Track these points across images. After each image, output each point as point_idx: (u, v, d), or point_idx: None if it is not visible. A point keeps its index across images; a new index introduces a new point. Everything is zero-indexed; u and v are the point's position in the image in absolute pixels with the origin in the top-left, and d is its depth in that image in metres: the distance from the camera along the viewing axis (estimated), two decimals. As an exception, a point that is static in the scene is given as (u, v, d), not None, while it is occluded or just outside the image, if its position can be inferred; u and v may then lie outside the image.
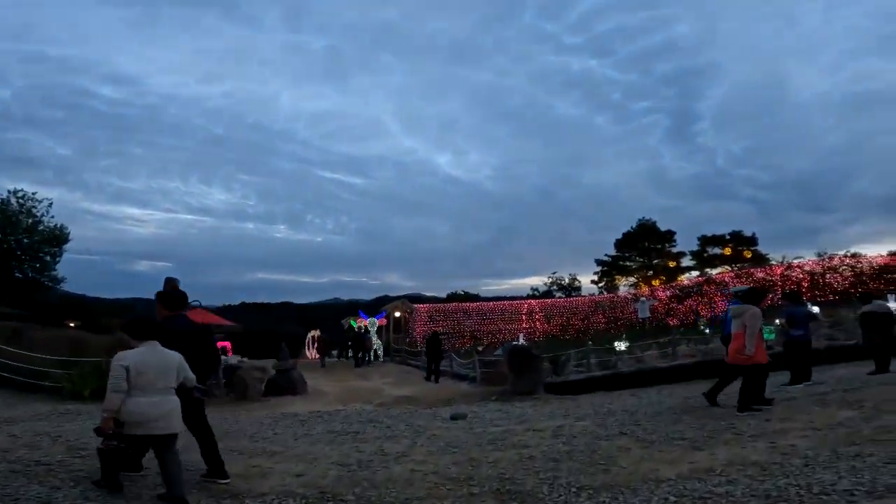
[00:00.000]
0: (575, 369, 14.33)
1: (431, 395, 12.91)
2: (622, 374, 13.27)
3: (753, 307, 6.34)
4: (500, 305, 27.81)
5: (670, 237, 42.20)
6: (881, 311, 8.88)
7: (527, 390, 11.36)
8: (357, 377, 18.03)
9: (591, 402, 9.42)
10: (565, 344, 21.97)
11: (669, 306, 27.17)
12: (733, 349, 6.35)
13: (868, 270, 24.03)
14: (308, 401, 12.25)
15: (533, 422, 7.52)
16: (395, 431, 7.04)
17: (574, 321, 27.07)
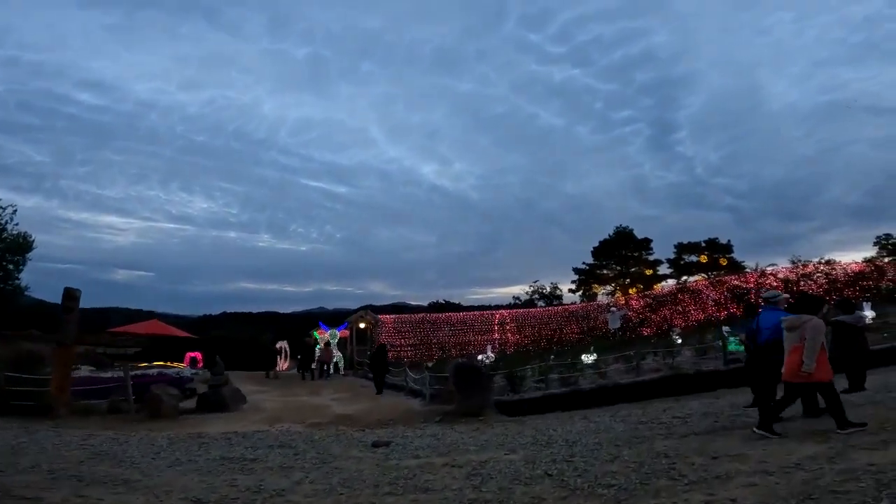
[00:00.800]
0: (534, 385, 13.34)
1: (374, 413, 11.83)
2: (582, 392, 12.32)
3: (815, 318, 5.33)
4: (471, 316, 26.82)
5: (647, 245, 41.80)
6: (857, 325, 8.02)
7: (474, 411, 10.33)
8: (309, 392, 16.92)
9: (536, 427, 8.45)
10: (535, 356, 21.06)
11: (643, 316, 26.43)
12: (791, 366, 5.30)
13: (843, 277, 23.60)
14: (234, 419, 11.29)
15: (459, 453, 6.61)
16: (298, 460, 6.36)
17: (546, 332, 26.18)
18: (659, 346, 18.77)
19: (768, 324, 6.09)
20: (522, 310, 28.16)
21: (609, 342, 22.70)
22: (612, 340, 22.47)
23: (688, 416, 7.62)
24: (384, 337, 23.92)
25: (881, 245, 37.43)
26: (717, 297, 25.52)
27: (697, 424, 6.88)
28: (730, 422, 6.74)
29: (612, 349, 18.83)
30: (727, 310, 24.92)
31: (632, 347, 17.43)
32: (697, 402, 9.27)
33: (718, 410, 7.83)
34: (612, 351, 17.85)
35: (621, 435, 6.77)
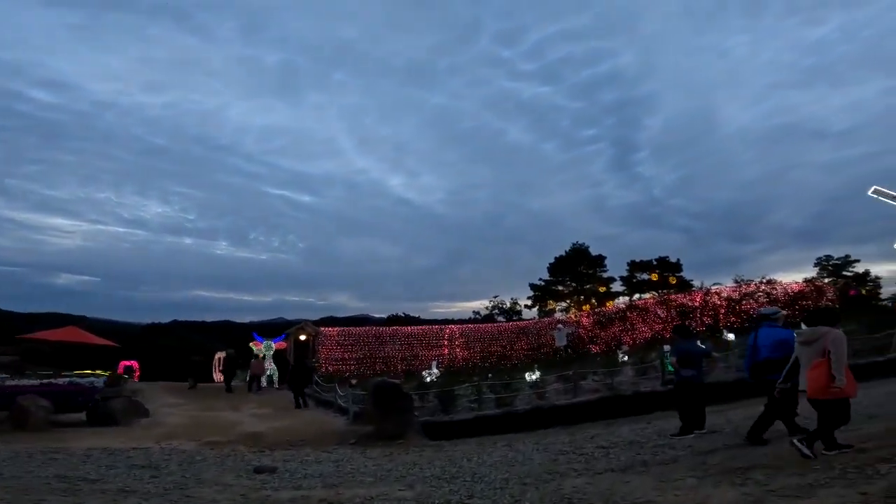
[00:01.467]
0: (469, 406, 12.52)
1: (289, 432, 10.81)
2: (516, 414, 11.58)
3: (835, 330, 4.91)
4: (420, 330, 25.85)
5: (601, 262, 42.12)
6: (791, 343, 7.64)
7: (393, 434, 9.41)
8: (229, 407, 15.59)
9: (452, 456, 7.61)
10: (481, 373, 20.31)
11: (593, 333, 26.18)
12: (816, 382, 4.76)
13: (783, 297, 24.06)
14: (121, 434, 10.28)
15: (350, 485, 5.83)
16: (148, 485, 5.65)
17: (495, 348, 25.51)
18: (604, 364, 18.40)
19: (767, 341, 5.82)
20: (472, 325, 27.41)
21: (556, 360, 22.23)
22: (560, 358, 21.99)
23: (612, 446, 6.97)
24: (325, 350, 22.60)
25: (821, 266, 39.05)
26: (664, 316, 25.59)
27: (619, 457, 6.22)
28: (652, 454, 6.11)
29: (557, 367, 18.29)
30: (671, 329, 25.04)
31: (578, 366, 16.96)
32: (628, 428, 8.67)
33: (645, 439, 7.23)
34: (558, 369, 17.29)
35: (535, 469, 6.02)
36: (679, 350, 7.57)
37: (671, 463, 5.38)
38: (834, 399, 4.68)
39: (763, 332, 6.01)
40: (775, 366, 5.58)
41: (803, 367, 4.99)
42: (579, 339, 26.20)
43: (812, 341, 4.93)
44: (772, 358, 5.69)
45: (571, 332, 22.96)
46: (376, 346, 24.16)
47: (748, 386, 12.18)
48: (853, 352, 14.36)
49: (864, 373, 12.87)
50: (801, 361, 5.03)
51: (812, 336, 4.95)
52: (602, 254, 42.33)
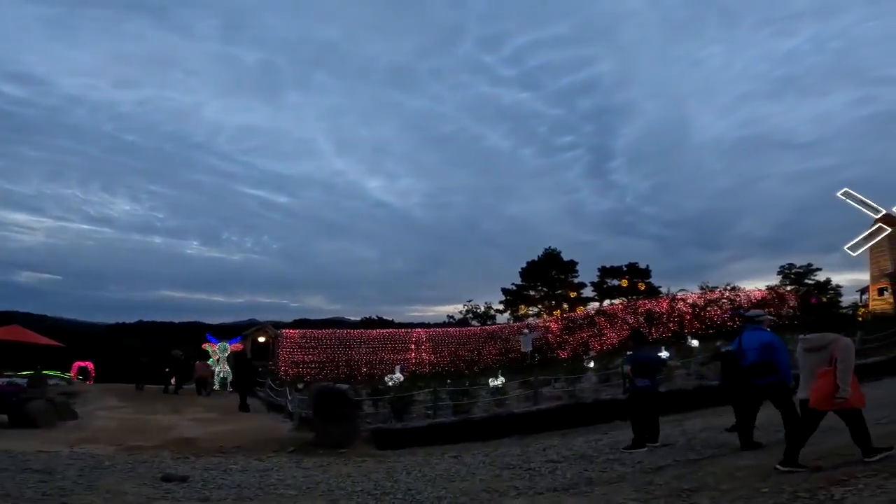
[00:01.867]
0: (426, 412, 11.98)
1: (227, 437, 10.13)
2: (473, 422, 11.10)
3: (842, 336, 4.56)
4: (386, 334, 25.22)
5: (573, 267, 42.17)
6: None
7: (336, 442, 8.81)
8: (171, 410, 14.77)
9: (392, 467, 7.09)
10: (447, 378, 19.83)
11: (561, 338, 26.02)
12: (821, 391, 4.39)
13: (746, 304, 24.32)
14: (37, 436, 9.50)
15: (266, 499, 5.49)
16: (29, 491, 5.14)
17: (463, 353, 25.10)
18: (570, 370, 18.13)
19: (753, 344, 5.58)
20: (439, 329, 26.94)
21: (524, 365, 21.91)
22: (527, 363, 21.65)
23: (562, 460, 6.54)
24: (284, 353, 21.76)
25: (784, 274, 39.93)
26: (632, 322, 25.59)
27: (566, 473, 5.78)
28: (600, 471, 5.70)
29: (523, 373, 17.95)
30: (641, 334, 25.05)
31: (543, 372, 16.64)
32: (583, 440, 8.29)
33: (597, 452, 6.83)
34: (524, 375, 16.95)
35: (476, 486, 5.54)
36: (635, 358, 7.20)
37: (617, 482, 4.97)
38: (847, 409, 4.34)
39: (748, 335, 5.79)
40: (761, 370, 5.43)
41: (806, 376, 4.65)
42: (548, 345, 26.00)
43: (819, 348, 4.57)
44: (758, 362, 5.48)
45: (537, 338, 22.65)
46: (340, 349, 23.45)
47: (709, 393, 12.07)
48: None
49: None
50: (804, 369, 4.68)
51: (819, 343, 4.57)
52: (574, 259, 42.40)
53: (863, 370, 13.22)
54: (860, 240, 26.47)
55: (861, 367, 12.78)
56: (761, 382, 5.42)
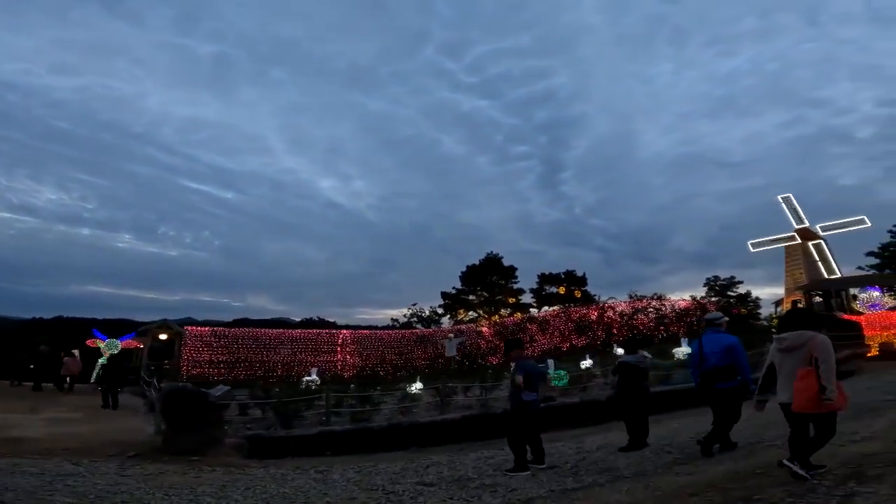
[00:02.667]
0: (320, 419, 10.88)
1: (68, 438, 8.65)
2: (370, 431, 10.13)
3: (820, 334, 4.22)
4: (307, 334, 23.73)
5: (512, 273, 42.11)
6: (640, 365, 6.81)
7: (189, 449, 7.56)
8: (29, 409, 12.86)
9: (230, 483, 5.95)
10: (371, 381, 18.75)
11: (493, 344, 25.52)
12: (806, 393, 4.05)
13: (670, 313, 24.78)
14: None
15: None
16: None
17: (391, 356, 24.03)
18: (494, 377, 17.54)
19: (715, 348, 5.56)
20: (366, 331, 25.75)
21: (450, 371, 21.16)
22: (453, 369, 20.91)
23: (436, 483, 5.69)
24: (189, 351, 19.83)
25: (710, 286, 41.79)
26: (562, 329, 25.52)
27: (427, 501, 4.91)
28: (466, 499, 4.86)
29: (447, 379, 17.13)
30: (569, 341, 25.00)
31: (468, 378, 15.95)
32: (475, 456, 7.50)
33: (478, 474, 6.03)
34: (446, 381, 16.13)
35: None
36: (525, 368, 6.44)
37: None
38: (824, 413, 4.03)
39: (708, 339, 5.73)
40: (724, 373, 5.41)
41: (784, 377, 4.33)
42: (479, 350, 25.44)
43: (795, 347, 4.25)
44: (720, 365, 5.44)
45: (462, 342, 22.00)
46: (255, 349, 21.74)
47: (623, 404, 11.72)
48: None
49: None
50: (782, 370, 4.38)
51: (796, 341, 4.25)
52: (513, 265, 42.35)
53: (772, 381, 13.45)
54: (766, 240, 27.93)
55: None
56: (723, 387, 5.38)
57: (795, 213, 27.85)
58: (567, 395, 12.72)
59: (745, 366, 5.46)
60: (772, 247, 27.79)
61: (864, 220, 26.89)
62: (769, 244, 27.89)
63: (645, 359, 6.81)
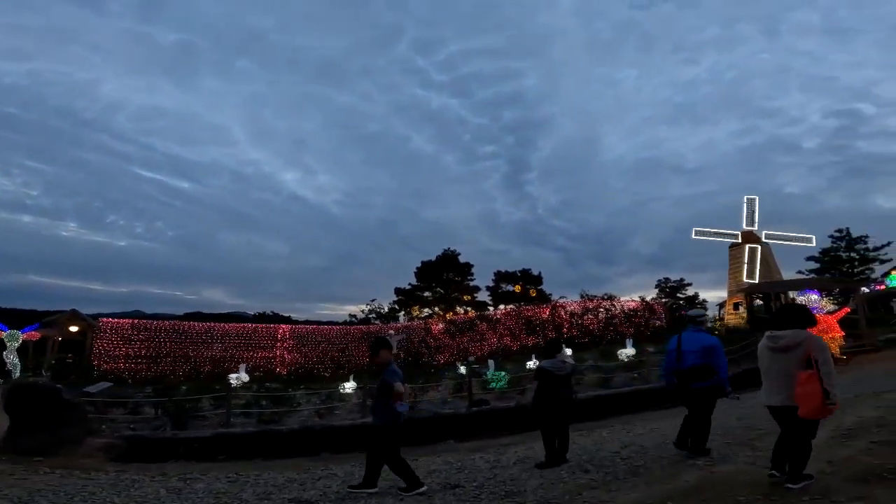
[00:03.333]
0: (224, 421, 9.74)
1: None
2: (276, 434, 9.11)
3: (813, 335, 4.04)
4: (242, 328, 22.23)
5: (468, 270, 41.56)
6: (558, 372, 6.00)
7: (37, 449, 6.38)
8: None
9: (65, 490, 4.84)
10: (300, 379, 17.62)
11: (441, 342, 24.74)
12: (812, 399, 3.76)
13: (619, 313, 24.68)
14: None
15: None
16: None
17: (333, 352, 22.87)
18: (437, 378, 16.75)
19: (694, 346, 5.39)
20: (306, 326, 24.46)
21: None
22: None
23: (312, 501, 4.77)
24: (102, 345, 18.03)
25: (661, 288, 42.62)
26: (513, 328, 25.02)
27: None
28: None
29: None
30: (520, 341, 24.53)
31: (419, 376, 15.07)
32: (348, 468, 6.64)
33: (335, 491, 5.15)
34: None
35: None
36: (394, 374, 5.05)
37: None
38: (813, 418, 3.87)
39: (688, 337, 5.52)
40: (701, 373, 5.24)
41: (774, 378, 4.08)
42: (427, 349, 24.62)
43: (791, 347, 3.97)
44: (698, 365, 5.26)
45: (402, 340, 21.12)
46: (181, 344, 20.10)
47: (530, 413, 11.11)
48: (660, 374, 14.26)
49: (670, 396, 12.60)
50: (773, 371, 4.11)
51: (792, 341, 3.98)
52: (471, 262, 41.79)
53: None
54: (710, 231, 28.45)
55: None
56: (699, 386, 5.23)
57: (751, 217, 28.42)
58: (504, 398, 12.04)
59: (724, 367, 5.33)
60: (714, 238, 28.27)
61: (810, 240, 27.73)
62: (713, 235, 28.39)
63: (564, 364, 6.06)
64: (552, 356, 6.10)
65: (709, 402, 5.30)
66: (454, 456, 7.24)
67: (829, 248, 35.05)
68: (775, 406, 4.06)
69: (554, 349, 6.17)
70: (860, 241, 34.43)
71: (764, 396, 4.18)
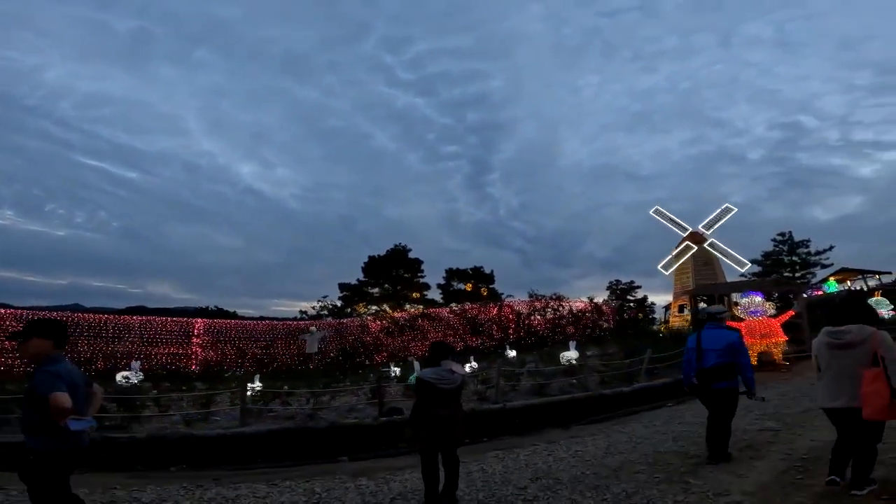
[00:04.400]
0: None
1: None
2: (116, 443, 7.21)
3: (878, 331, 3.67)
4: (145, 321, 19.72)
5: (418, 266, 39.96)
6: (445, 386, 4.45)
7: None
8: None
9: None
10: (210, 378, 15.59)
11: (379, 340, 23.07)
12: (879, 399, 3.43)
13: (567, 314, 23.80)
14: None
15: None
16: None
17: (255, 349, 20.74)
18: (364, 378, 15.15)
19: (716, 343, 5.07)
20: (225, 321, 22.19)
21: (320, 370, 18.41)
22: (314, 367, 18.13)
23: None
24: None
25: (612, 289, 42.51)
26: (457, 327, 23.65)
27: None
28: None
29: (306, 379, 14.39)
30: (464, 341, 23.19)
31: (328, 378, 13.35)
32: (210, 494, 4.94)
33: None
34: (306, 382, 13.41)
35: None
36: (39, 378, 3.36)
37: None
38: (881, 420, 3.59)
39: (709, 334, 5.23)
40: (724, 372, 4.99)
41: (835, 377, 3.79)
42: (363, 347, 22.87)
43: (856, 343, 3.69)
44: (721, 364, 5.00)
45: (324, 337, 19.32)
46: (71, 337, 17.48)
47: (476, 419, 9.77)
48: (600, 380, 13.17)
49: (608, 405, 11.52)
50: (833, 370, 3.83)
51: (858, 336, 3.69)
52: (420, 258, 40.21)
53: (648, 394, 12.10)
54: (671, 258, 28.12)
55: (647, 392, 11.54)
56: (722, 387, 4.99)
57: (673, 222, 28.27)
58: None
59: (748, 364, 5.05)
60: (679, 262, 27.80)
61: (729, 209, 27.86)
62: (674, 261, 27.93)
63: (452, 375, 4.53)
64: (437, 364, 4.57)
65: (731, 404, 5.06)
66: (327, 482, 5.66)
67: (772, 251, 35.63)
68: (837, 408, 3.81)
69: (440, 354, 4.63)
70: (802, 245, 35.13)
71: (823, 398, 3.92)
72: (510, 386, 11.90)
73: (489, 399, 10.53)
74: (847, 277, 33.63)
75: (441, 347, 4.68)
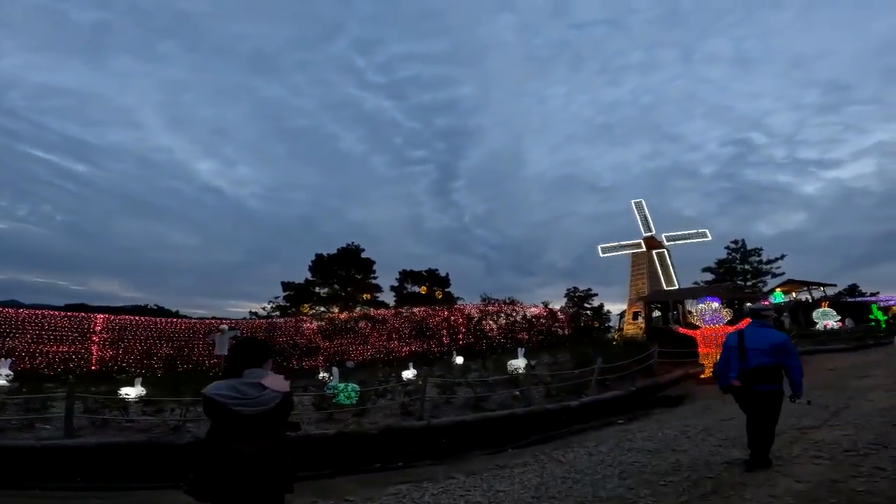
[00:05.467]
0: None
1: None
2: None
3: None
4: (32, 315, 16.90)
5: (370, 267, 37.89)
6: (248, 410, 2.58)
7: None
8: None
9: None
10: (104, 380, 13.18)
11: (315, 343, 20.97)
12: None
13: (521, 320, 22.41)
14: None
15: None
16: None
17: (164, 349, 18.24)
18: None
19: (761, 343, 4.77)
20: (129, 317, 19.53)
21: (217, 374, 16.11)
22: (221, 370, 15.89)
23: None
24: None
25: (570, 296, 41.78)
26: (402, 330, 21.82)
27: None
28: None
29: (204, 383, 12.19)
30: (410, 346, 21.40)
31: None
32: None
33: None
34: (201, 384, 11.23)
35: None
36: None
37: None
38: None
39: (752, 332, 4.86)
40: (769, 374, 4.67)
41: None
42: (296, 350, 20.70)
43: None
44: (765, 364, 4.65)
45: (236, 337, 17.16)
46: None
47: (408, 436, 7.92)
48: (546, 392, 11.64)
49: (551, 422, 9.29)
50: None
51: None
52: (372, 258, 38.18)
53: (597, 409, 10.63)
54: (615, 245, 27.51)
55: (596, 406, 10.07)
56: (765, 389, 4.66)
57: (645, 221, 27.70)
58: (337, 419, 8.65)
59: (798, 367, 4.70)
60: (620, 252, 27.35)
61: (706, 234, 27.61)
62: (619, 249, 27.51)
63: (262, 393, 2.70)
64: (238, 374, 2.75)
65: (775, 407, 4.75)
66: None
67: (724, 259, 35.68)
68: None
69: (246, 359, 2.80)
70: (754, 253, 35.33)
71: None
72: (444, 399, 10.21)
73: (413, 414, 8.78)
74: (793, 289, 33.98)
75: (248, 348, 2.83)
